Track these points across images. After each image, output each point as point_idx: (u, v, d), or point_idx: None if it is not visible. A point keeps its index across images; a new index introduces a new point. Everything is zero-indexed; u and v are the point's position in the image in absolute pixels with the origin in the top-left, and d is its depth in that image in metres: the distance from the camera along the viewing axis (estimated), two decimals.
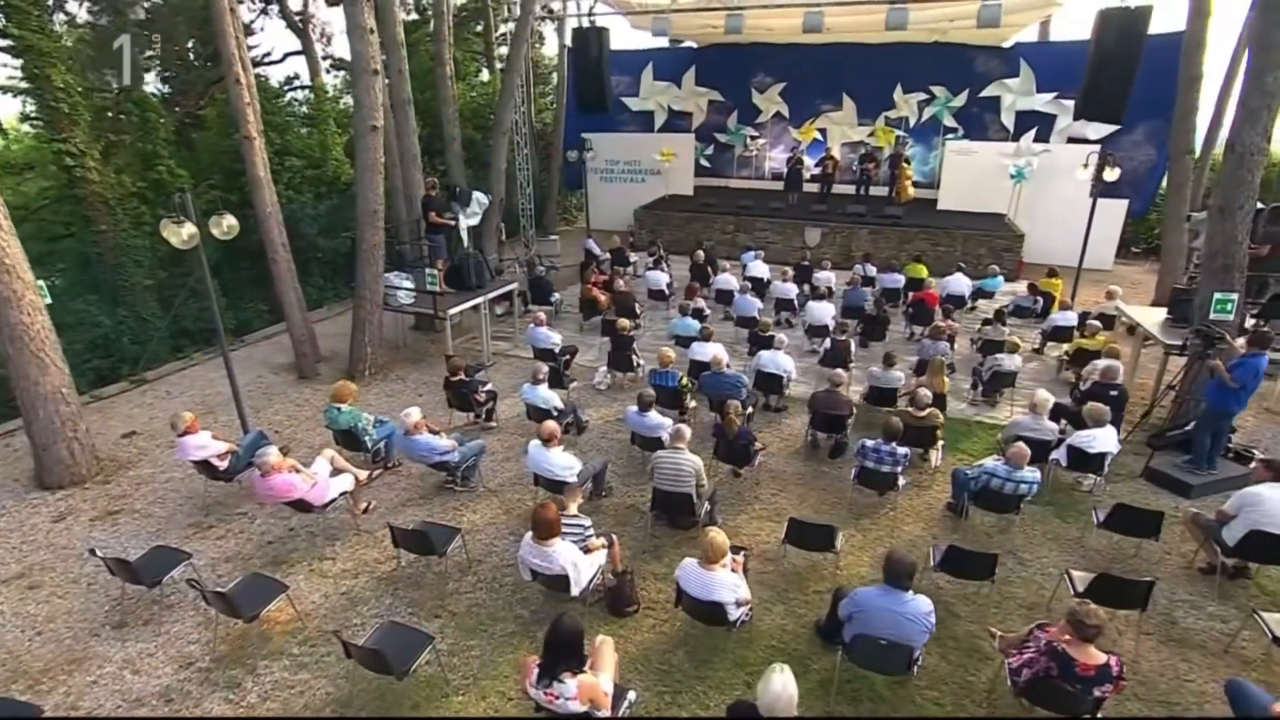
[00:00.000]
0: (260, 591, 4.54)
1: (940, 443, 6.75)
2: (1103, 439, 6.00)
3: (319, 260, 12.79)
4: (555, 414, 6.97)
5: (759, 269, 12.27)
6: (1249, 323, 7.59)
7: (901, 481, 5.91)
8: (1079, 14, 16.74)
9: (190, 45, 15.78)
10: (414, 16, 19.16)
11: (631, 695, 3.71)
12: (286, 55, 17.01)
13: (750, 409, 7.41)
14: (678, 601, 4.36)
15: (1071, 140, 15.31)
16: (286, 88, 16.87)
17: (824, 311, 9.83)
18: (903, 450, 5.70)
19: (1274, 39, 6.43)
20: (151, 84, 13.27)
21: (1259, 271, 7.77)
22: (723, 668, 4.38)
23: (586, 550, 4.56)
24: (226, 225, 6.17)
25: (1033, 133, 15.57)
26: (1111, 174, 11.34)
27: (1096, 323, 8.73)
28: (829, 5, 11.58)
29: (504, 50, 21.90)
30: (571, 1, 14.57)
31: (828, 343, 8.76)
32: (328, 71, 18.84)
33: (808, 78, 17.52)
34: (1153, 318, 8.87)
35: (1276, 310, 7.55)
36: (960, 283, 11.21)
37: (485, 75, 21.19)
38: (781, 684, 2.85)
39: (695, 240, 14.47)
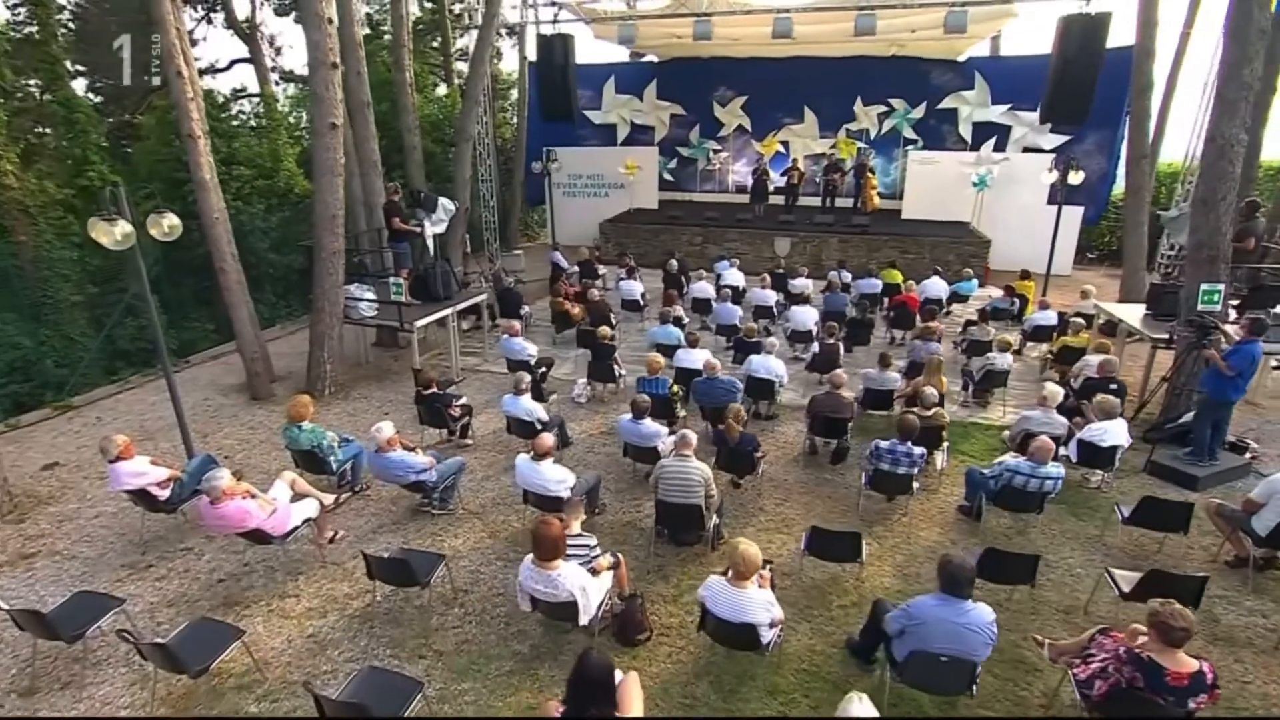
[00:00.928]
0: (209, 639, 3.85)
1: (945, 444, 6.48)
2: (1114, 432, 5.82)
3: (271, 276, 11.95)
4: (540, 427, 6.45)
5: (734, 277, 12.03)
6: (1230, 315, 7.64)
7: (915, 484, 5.59)
8: (1030, 27, 17.33)
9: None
10: (367, 31, 18.62)
11: None
12: (234, 63, 16.17)
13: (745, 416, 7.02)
14: (701, 624, 3.88)
15: (1027, 150, 15.73)
16: (233, 99, 16.02)
17: (807, 317, 9.62)
18: (919, 450, 5.38)
19: (1249, 33, 6.50)
20: (81, 91, 12.30)
21: (1238, 265, 7.85)
22: (753, 697, 3.91)
23: (593, 572, 4.05)
24: (167, 225, 5.49)
25: (991, 142, 15.92)
26: (1076, 177, 11.56)
27: (1080, 320, 8.69)
28: (798, 11, 11.55)
29: (461, 66, 21.53)
30: (532, 9, 14.25)
31: (815, 346, 8.48)
32: (277, 83, 18.04)
33: (769, 91, 17.64)
34: (1131, 314, 8.93)
35: (1259, 302, 7.60)
36: (937, 286, 11.17)
37: (442, 90, 20.67)
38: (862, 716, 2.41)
39: (666, 251, 14.22)
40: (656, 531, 5.30)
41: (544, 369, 8.50)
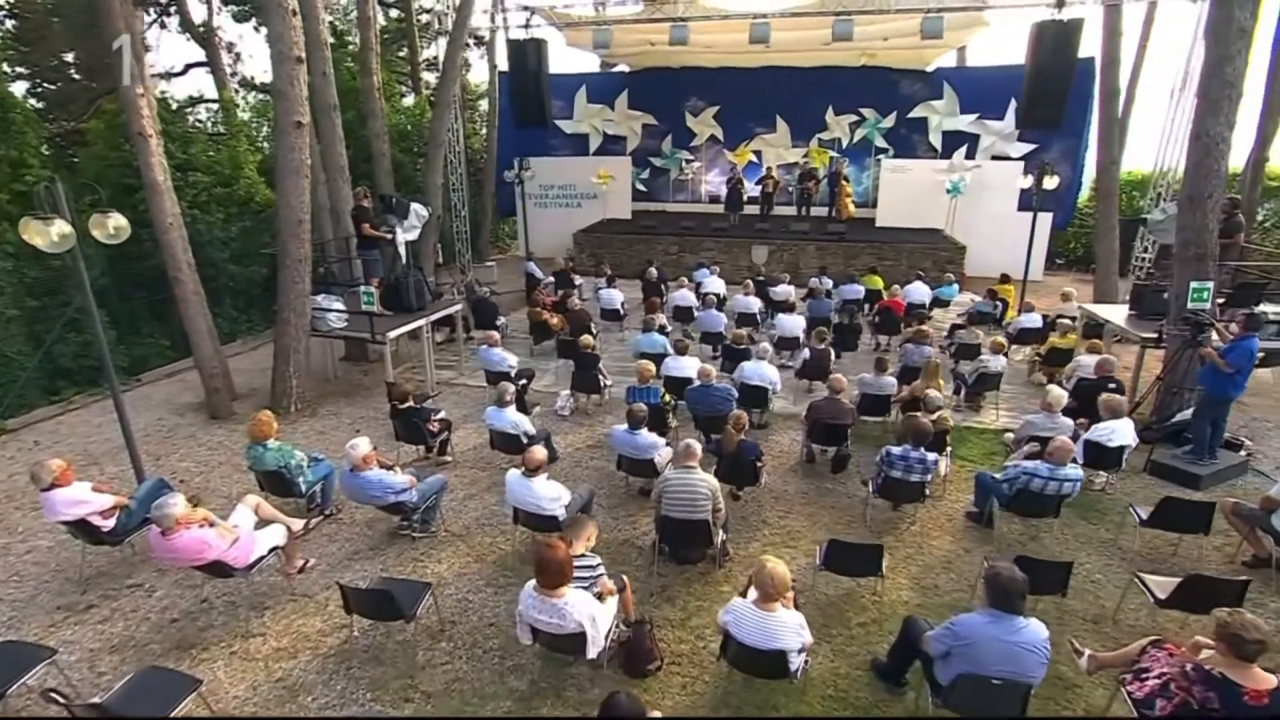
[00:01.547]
0: (159, 692, 3.33)
1: (949, 448, 6.28)
2: (1121, 431, 5.69)
3: (231, 289, 11.29)
4: (526, 440, 6.05)
5: (715, 284, 11.81)
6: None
7: (926, 492, 5.35)
8: (994, 39, 17.73)
9: (72, 58, 14.14)
10: (331, 40, 18.10)
11: None
12: (189, 66, 15.45)
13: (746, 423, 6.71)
14: (723, 652, 3.52)
15: (995, 158, 15.97)
16: (189, 105, 15.30)
17: (794, 324, 9.44)
18: (932, 456, 5.14)
19: (1230, 32, 6.53)
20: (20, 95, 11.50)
21: (1224, 262, 7.88)
22: None
23: (598, 597, 3.66)
24: (113, 226, 4.97)
25: (963, 150, 16.12)
26: (1051, 182, 11.66)
27: (1068, 321, 8.65)
28: (775, 16, 11.48)
29: (429, 77, 21.11)
30: (502, 15, 13.93)
31: (806, 353, 8.26)
32: (237, 90, 17.34)
33: (741, 101, 17.68)
34: (1113, 316, 8.96)
35: (1243, 299, 7.63)
36: (920, 291, 11.12)
37: (409, 101, 20.18)
38: None
39: (645, 260, 14.04)
40: (659, 550, 4.93)
41: (525, 381, 8.10)
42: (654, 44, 14.41)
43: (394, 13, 20.36)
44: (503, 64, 19.95)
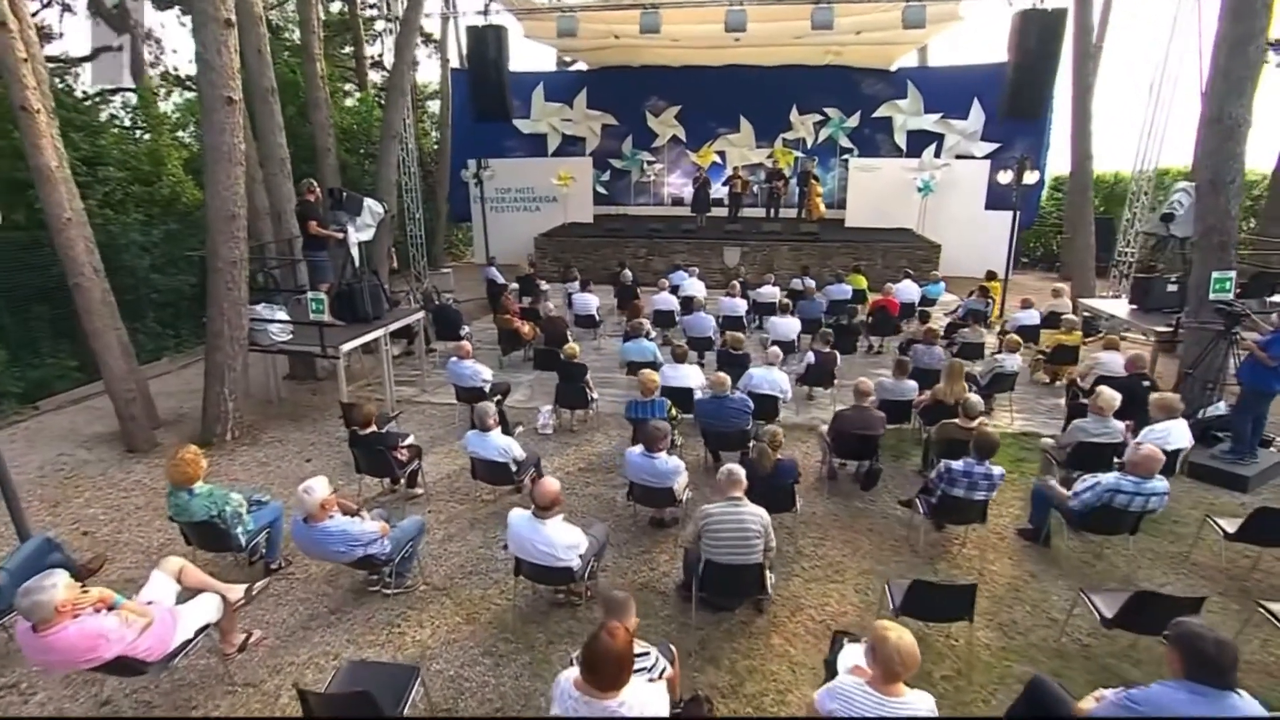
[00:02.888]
0: None
1: None
2: (1177, 433, 5.19)
3: (154, 301, 9.88)
4: (516, 467, 5.15)
5: (695, 287, 11.12)
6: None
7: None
8: (954, 38, 17.77)
9: None
10: (269, 36, 16.68)
11: None
12: (99, 51, 13.75)
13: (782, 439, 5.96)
14: None
15: (959, 157, 15.87)
16: (99, 99, 13.64)
17: (789, 326, 8.84)
18: (998, 470, 4.49)
19: (1252, 6, 6.24)
20: None
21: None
22: None
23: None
24: None
25: (932, 149, 15.96)
26: (1031, 176, 11.44)
27: (1073, 318, 8.27)
28: (753, 4, 10.91)
29: (374, 77, 19.80)
30: (453, 3, 12.93)
31: (810, 356, 7.60)
32: (159, 86, 15.70)
33: (703, 101, 17.24)
34: (1117, 310, 8.68)
35: (1258, 290, 7.39)
36: (909, 290, 10.70)
37: (351, 103, 18.80)
38: None
39: (612, 264, 13.31)
40: (691, 596, 4.09)
41: (500, 396, 7.18)
42: (619, 36, 13.71)
43: (336, 6, 19.02)
44: (455, 61, 18.93)
